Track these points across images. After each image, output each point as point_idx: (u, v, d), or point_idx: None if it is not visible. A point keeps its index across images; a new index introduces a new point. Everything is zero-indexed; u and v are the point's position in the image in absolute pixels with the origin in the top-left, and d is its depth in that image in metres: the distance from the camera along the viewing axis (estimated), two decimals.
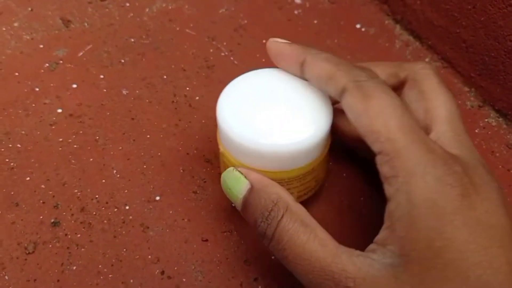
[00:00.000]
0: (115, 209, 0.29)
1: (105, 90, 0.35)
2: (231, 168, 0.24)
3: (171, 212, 0.29)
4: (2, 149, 0.31)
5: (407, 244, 0.19)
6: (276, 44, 0.26)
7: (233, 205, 0.25)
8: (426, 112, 0.24)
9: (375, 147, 0.21)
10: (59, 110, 0.33)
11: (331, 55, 0.24)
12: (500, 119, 0.35)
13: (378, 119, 0.21)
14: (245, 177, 0.23)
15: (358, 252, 0.21)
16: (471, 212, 0.19)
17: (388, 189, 0.20)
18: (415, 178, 0.20)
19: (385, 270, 0.19)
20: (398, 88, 0.26)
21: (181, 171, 0.31)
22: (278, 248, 0.22)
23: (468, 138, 0.23)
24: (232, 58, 0.37)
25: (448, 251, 0.19)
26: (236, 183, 0.24)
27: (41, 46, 0.37)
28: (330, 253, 0.20)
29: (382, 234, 0.21)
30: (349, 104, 0.22)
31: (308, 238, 0.21)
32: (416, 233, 0.19)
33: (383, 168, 0.21)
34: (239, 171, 0.24)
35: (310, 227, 0.21)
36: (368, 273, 0.19)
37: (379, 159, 0.21)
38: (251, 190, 0.23)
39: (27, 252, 0.27)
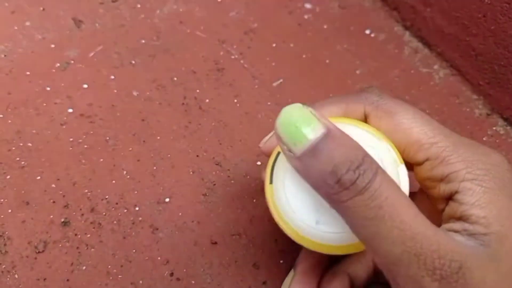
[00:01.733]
0: (125, 210, 0.29)
1: (115, 91, 0.35)
2: (298, 104, 0.20)
3: (180, 214, 0.29)
4: (13, 148, 0.31)
5: (500, 215, 0.19)
6: (268, 143, 0.24)
7: (283, 148, 0.19)
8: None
9: (419, 157, 0.21)
10: (70, 110, 0.33)
11: (333, 97, 0.23)
12: (508, 127, 0.35)
13: (413, 130, 0.21)
14: (319, 119, 0.19)
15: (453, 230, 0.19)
16: None
17: (450, 187, 0.20)
18: (477, 165, 0.19)
19: (485, 254, 0.18)
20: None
21: (191, 173, 0.31)
22: (370, 205, 0.17)
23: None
24: (242, 61, 0.37)
25: None
26: (308, 120, 0.19)
27: (53, 46, 0.37)
28: (432, 227, 0.18)
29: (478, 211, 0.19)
30: (377, 127, 0.22)
31: (409, 203, 0.18)
32: (497, 212, 0.19)
33: (437, 171, 0.20)
34: (311, 111, 0.19)
35: (406, 195, 0.19)
36: (473, 256, 0.18)
37: (428, 165, 0.21)
38: (328, 134, 0.18)
39: (37, 251, 0.27)
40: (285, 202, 0.21)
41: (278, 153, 0.22)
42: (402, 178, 0.21)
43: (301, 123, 0.19)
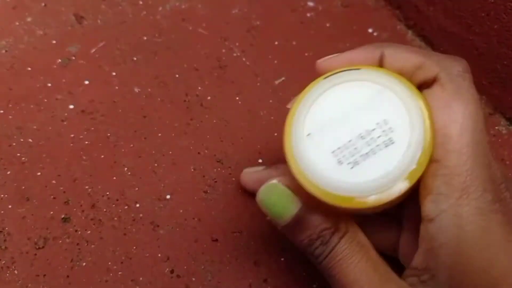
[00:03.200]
0: (126, 207, 0.29)
1: (117, 88, 0.35)
2: (275, 181, 0.22)
3: (181, 211, 0.29)
4: (14, 144, 0.31)
5: (457, 274, 0.18)
6: (340, 57, 0.23)
7: (267, 218, 0.22)
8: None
9: (435, 151, 0.19)
10: (71, 106, 0.33)
11: (405, 45, 0.22)
12: (511, 127, 0.35)
13: (456, 124, 0.19)
14: (295, 194, 0.22)
15: (404, 284, 0.20)
16: None
17: (431, 207, 0.19)
18: (469, 203, 0.18)
19: None
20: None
21: (192, 170, 0.31)
22: (328, 266, 0.21)
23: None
24: (244, 59, 0.37)
25: (506, 283, 0.18)
26: (285, 200, 0.21)
27: (54, 41, 0.37)
28: (380, 278, 0.20)
29: (420, 259, 0.19)
30: (435, 95, 0.20)
31: (361, 258, 0.20)
32: (467, 262, 0.18)
33: (434, 181, 0.19)
34: (287, 186, 0.22)
35: (365, 247, 0.21)
36: None
37: (433, 168, 0.19)
38: (305, 208, 0.21)
39: (37, 247, 0.27)
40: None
41: None
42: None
43: (279, 202, 0.21)
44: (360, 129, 0.20)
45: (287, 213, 0.21)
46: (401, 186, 0.19)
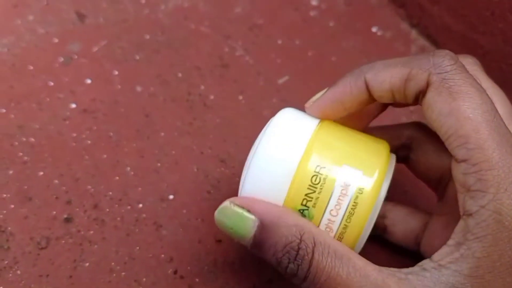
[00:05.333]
0: (128, 207, 0.29)
1: (119, 86, 0.34)
2: (226, 203, 0.21)
3: (184, 211, 0.29)
4: (16, 143, 0.31)
5: (484, 266, 0.18)
6: (325, 98, 0.23)
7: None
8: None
9: (459, 153, 0.19)
10: (73, 105, 0.33)
11: (383, 60, 0.22)
12: None
13: (467, 122, 0.18)
14: (249, 211, 0.20)
15: (405, 270, 0.19)
16: None
17: (470, 203, 0.18)
18: (508, 196, 0.18)
19: None
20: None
21: (195, 170, 0.31)
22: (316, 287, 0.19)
23: None
24: (247, 57, 0.37)
25: None
26: (239, 221, 0.20)
27: (56, 40, 0.37)
28: (375, 283, 0.19)
29: (445, 251, 0.19)
30: (433, 102, 0.19)
31: (348, 272, 0.19)
32: (499, 255, 0.18)
33: (468, 179, 0.19)
34: (238, 205, 0.20)
35: (345, 257, 0.19)
36: None
37: (463, 168, 0.19)
38: (262, 226, 0.20)
39: (40, 247, 0.27)
40: None
41: None
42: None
43: (235, 224, 0.20)
44: None
45: (246, 234, 0.20)
46: None
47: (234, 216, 0.20)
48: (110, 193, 0.29)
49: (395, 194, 0.27)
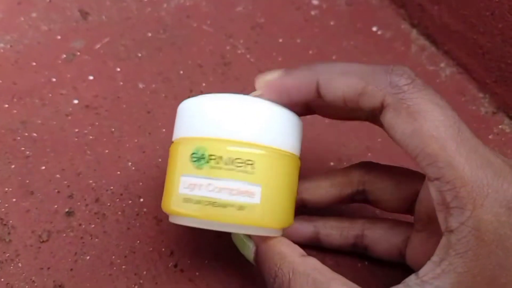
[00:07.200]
0: (130, 201, 0.29)
1: (121, 83, 0.35)
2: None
3: None
4: (18, 138, 0.31)
5: (465, 281, 0.18)
6: (270, 78, 0.23)
7: None
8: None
9: (430, 172, 0.19)
10: (75, 101, 0.33)
11: (343, 63, 0.21)
12: None
13: (432, 141, 0.18)
14: (250, 237, 0.23)
15: None
16: None
17: (450, 220, 0.18)
18: (485, 212, 0.18)
19: None
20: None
21: None
22: None
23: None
24: (248, 56, 0.37)
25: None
26: (243, 246, 0.24)
27: (59, 37, 0.37)
28: None
29: (430, 267, 0.19)
30: (394, 123, 0.19)
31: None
32: (479, 269, 0.18)
33: (445, 196, 0.18)
34: (242, 234, 0.24)
35: (325, 284, 0.19)
36: None
37: (437, 185, 0.19)
38: (257, 252, 0.23)
39: (41, 241, 0.27)
40: None
41: None
42: None
43: (242, 248, 0.24)
44: None
45: (249, 256, 0.24)
46: None
47: (240, 242, 0.24)
48: (112, 187, 0.30)
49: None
